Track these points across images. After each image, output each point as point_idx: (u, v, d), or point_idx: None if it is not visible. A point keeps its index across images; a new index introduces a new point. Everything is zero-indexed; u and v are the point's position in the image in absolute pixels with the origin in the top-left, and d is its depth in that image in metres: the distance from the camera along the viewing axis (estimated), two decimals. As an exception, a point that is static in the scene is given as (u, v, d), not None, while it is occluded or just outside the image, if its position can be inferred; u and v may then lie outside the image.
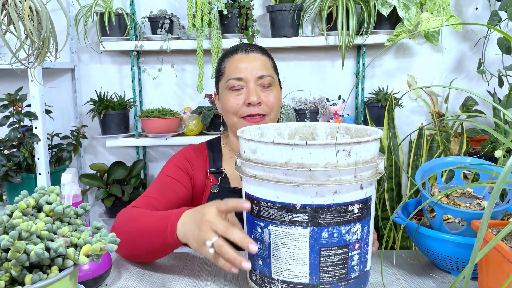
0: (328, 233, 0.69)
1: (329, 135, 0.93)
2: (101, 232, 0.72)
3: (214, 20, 1.81)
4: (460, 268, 0.88)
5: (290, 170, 0.67)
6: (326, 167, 0.66)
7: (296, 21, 1.85)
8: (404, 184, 1.83)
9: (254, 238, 0.75)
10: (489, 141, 1.65)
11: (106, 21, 1.82)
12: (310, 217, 0.68)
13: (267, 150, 0.69)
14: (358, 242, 0.72)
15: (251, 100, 1.04)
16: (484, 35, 1.84)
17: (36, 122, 1.68)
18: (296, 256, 0.70)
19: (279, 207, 0.70)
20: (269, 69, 1.10)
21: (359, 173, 0.69)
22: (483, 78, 1.80)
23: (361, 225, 0.72)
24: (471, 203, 0.97)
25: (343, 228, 0.70)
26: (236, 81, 1.07)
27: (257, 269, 0.76)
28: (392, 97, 1.72)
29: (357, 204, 0.70)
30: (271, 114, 1.08)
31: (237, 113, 1.07)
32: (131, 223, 0.91)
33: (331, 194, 0.68)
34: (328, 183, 0.67)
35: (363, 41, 1.83)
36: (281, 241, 0.71)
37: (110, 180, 1.92)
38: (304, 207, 0.68)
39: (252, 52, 1.10)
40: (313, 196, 0.68)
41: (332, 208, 0.68)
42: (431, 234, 0.87)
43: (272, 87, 1.09)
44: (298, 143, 0.66)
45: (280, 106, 1.12)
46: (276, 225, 0.71)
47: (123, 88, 2.08)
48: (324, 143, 0.66)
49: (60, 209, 0.66)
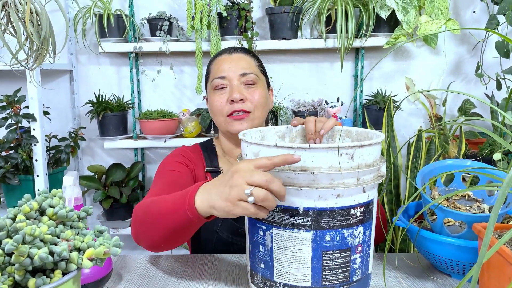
0: (331, 237, 0.69)
1: (330, 138, 0.94)
2: (103, 235, 0.71)
3: (213, 22, 1.81)
4: (461, 271, 0.88)
5: (293, 174, 0.67)
6: (329, 170, 0.67)
7: (295, 24, 1.85)
8: (403, 186, 1.84)
9: (256, 241, 0.75)
10: (487, 144, 1.66)
11: (105, 23, 1.81)
12: (313, 220, 0.69)
13: (270, 153, 0.69)
14: (360, 246, 0.72)
15: (234, 97, 1.05)
16: (482, 38, 1.85)
17: (34, 124, 1.67)
18: (299, 260, 0.70)
19: (282, 211, 0.70)
20: (253, 68, 1.11)
21: (362, 177, 0.70)
22: (481, 81, 1.82)
23: (363, 228, 0.72)
24: (471, 206, 0.98)
25: (345, 232, 0.70)
26: (220, 80, 1.08)
27: (259, 272, 0.76)
28: (391, 100, 1.73)
29: (360, 207, 0.71)
30: (255, 112, 1.07)
31: (222, 112, 1.07)
32: (149, 210, 0.86)
33: (334, 197, 0.68)
34: (331, 187, 0.67)
35: (362, 44, 1.83)
36: (284, 244, 0.71)
37: (108, 182, 1.91)
38: (307, 211, 0.68)
39: (235, 53, 1.13)
40: (316, 200, 0.68)
41: (335, 212, 0.69)
42: (432, 237, 0.88)
43: (257, 85, 1.09)
44: (301, 146, 0.66)
45: (265, 105, 1.11)
46: (278, 228, 0.71)
47: (122, 90, 2.07)
48: (327, 147, 0.66)
49: (64, 212, 0.65)
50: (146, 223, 0.85)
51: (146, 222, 0.85)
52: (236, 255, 1.02)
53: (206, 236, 1.09)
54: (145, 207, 0.87)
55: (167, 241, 0.85)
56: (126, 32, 1.90)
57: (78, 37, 1.94)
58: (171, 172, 1.07)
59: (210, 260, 1.00)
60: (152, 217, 0.84)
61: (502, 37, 0.62)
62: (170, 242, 0.86)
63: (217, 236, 1.08)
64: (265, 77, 1.16)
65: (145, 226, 0.86)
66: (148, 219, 0.85)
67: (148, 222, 0.85)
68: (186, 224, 0.78)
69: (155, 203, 0.85)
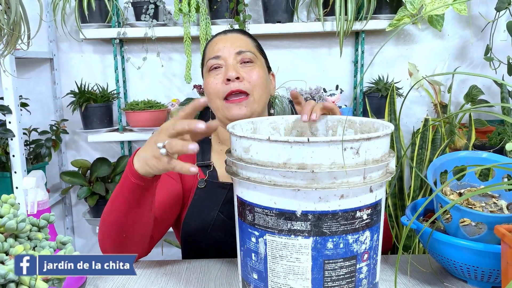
0: (334, 244, 0.62)
1: (330, 129, 0.85)
2: (66, 248, 0.61)
3: (203, 4, 1.70)
4: (479, 277, 0.80)
5: (290, 172, 0.60)
6: (331, 167, 0.59)
7: (291, 6, 1.75)
8: (407, 179, 1.75)
9: (248, 248, 0.68)
10: (496, 133, 1.57)
11: (85, 7, 1.70)
12: (313, 225, 0.61)
13: (262, 148, 0.61)
14: (367, 252, 0.65)
15: (229, 75, 0.97)
16: (491, 19, 1.74)
17: (10, 117, 1.56)
18: (297, 270, 0.63)
19: (277, 214, 0.62)
20: (250, 47, 1.05)
21: (369, 174, 0.62)
22: (490, 65, 1.71)
23: (370, 233, 0.65)
24: (486, 203, 0.90)
25: (350, 237, 0.63)
26: (214, 60, 1.02)
27: (251, 283, 0.68)
28: (393, 87, 1.62)
29: (366, 209, 0.63)
30: (254, 93, 1.00)
31: (218, 94, 1.00)
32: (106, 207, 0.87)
33: (336, 198, 0.61)
34: (333, 187, 0.60)
35: (362, 27, 1.74)
36: (279, 253, 0.63)
37: (93, 178, 1.83)
38: (305, 214, 0.61)
39: (231, 33, 1.08)
40: (316, 202, 0.61)
41: (338, 215, 0.61)
42: (446, 240, 0.80)
43: (254, 64, 1.03)
44: (299, 140, 0.58)
45: (265, 86, 1.04)
46: (273, 234, 0.63)
47: (106, 79, 1.97)
48: (329, 140, 0.58)
49: (12, 223, 0.55)
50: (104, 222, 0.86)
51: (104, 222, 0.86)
52: (227, 260, 0.94)
53: (197, 236, 1.02)
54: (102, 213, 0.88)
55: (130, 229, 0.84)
56: (109, 17, 1.79)
57: (57, 23, 1.82)
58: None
59: (198, 267, 0.92)
60: (107, 210, 0.85)
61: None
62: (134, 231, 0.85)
63: (209, 236, 1.01)
64: (265, 59, 1.10)
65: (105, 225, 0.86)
66: (105, 217, 0.85)
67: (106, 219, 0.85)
68: (136, 195, 0.79)
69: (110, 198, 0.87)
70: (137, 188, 0.77)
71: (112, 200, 0.84)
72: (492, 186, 0.82)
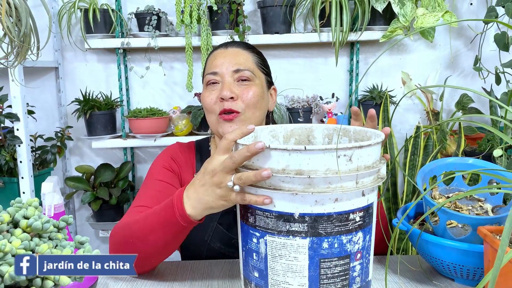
0: (329, 244, 0.66)
1: (326, 137, 0.89)
2: (84, 247, 0.66)
3: (204, 16, 1.76)
4: (464, 275, 0.85)
5: (288, 177, 0.63)
6: (326, 173, 0.63)
7: (288, 17, 1.81)
8: (400, 184, 1.80)
9: (249, 249, 0.72)
10: (486, 139, 1.63)
11: (91, 18, 1.75)
12: (310, 226, 0.65)
13: (263, 155, 0.66)
14: (360, 252, 0.69)
15: (223, 95, 0.97)
16: (480, 31, 1.81)
17: (18, 124, 1.61)
18: (295, 268, 0.67)
19: (276, 216, 0.66)
20: (249, 64, 1.03)
21: (361, 179, 0.66)
22: (479, 75, 1.78)
23: (363, 234, 0.69)
24: (473, 206, 0.95)
25: (344, 238, 0.67)
26: (212, 76, 1.02)
27: (253, 281, 0.72)
28: (387, 95, 1.68)
29: (359, 212, 0.67)
30: (246, 112, 0.99)
31: (213, 111, 1.01)
32: (130, 230, 0.85)
33: (331, 202, 0.64)
34: (328, 191, 0.63)
35: (357, 38, 1.79)
36: (279, 252, 0.67)
37: (97, 183, 1.87)
38: (303, 216, 0.65)
39: (231, 47, 1.05)
40: (313, 205, 0.64)
41: (332, 217, 0.65)
42: (434, 240, 0.84)
43: (251, 83, 1.01)
44: (296, 148, 0.62)
45: (259, 105, 1.03)
46: (273, 235, 0.67)
47: (110, 87, 2.01)
48: (324, 148, 0.62)
49: (39, 224, 0.60)
50: (129, 243, 0.83)
51: (129, 243, 0.83)
52: (228, 261, 0.98)
53: (196, 246, 1.05)
54: (125, 228, 0.86)
55: (157, 256, 0.84)
56: (113, 28, 1.84)
57: (63, 33, 1.87)
58: (156, 183, 1.03)
59: (202, 267, 0.96)
60: (139, 237, 0.82)
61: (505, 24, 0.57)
62: (158, 256, 0.85)
63: (208, 247, 1.03)
64: (266, 75, 1.08)
65: (129, 246, 0.83)
66: (132, 239, 0.83)
67: (133, 242, 0.83)
68: (178, 234, 0.79)
69: (137, 223, 0.84)
70: (183, 229, 0.78)
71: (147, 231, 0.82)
72: (476, 190, 0.88)
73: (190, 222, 0.76)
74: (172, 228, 0.78)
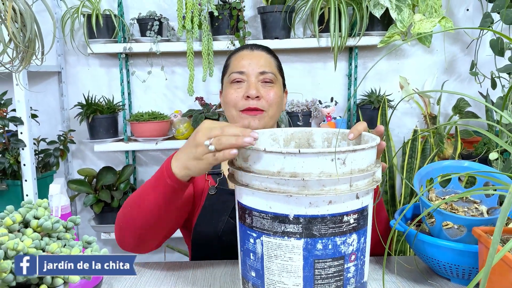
0: (323, 245, 0.67)
1: (326, 141, 0.91)
2: (92, 246, 0.69)
3: (205, 21, 1.78)
4: (460, 275, 0.87)
5: (283, 180, 0.65)
6: (320, 176, 0.64)
7: (288, 23, 1.83)
8: (398, 186, 1.82)
9: (247, 249, 0.73)
10: (482, 143, 1.65)
11: (94, 23, 1.78)
12: (304, 228, 0.66)
13: (259, 158, 0.67)
14: (354, 254, 0.70)
15: (250, 93, 1.05)
16: (476, 36, 1.84)
17: (22, 127, 1.63)
18: (290, 268, 0.68)
19: (272, 218, 0.68)
20: (272, 67, 1.12)
21: (355, 182, 0.67)
22: (475, 80, 1.81)
23: (357, 236, 0.70)
24: (469, 208, 0.97)
25: (338, 239, 0.67)
26: (238, 75, 1.09)
27: (250, 281, 0.74)
28: (385, 99, 1.71)
29: (353, 214, 0.68)
30: (269, 111, 1.08)
31: (236, 106, 1.08)
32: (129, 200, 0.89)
33: (325, 204, 0.65)
34: (322, 193, 0.64)
35: (356, 43, 1.82)
36: (274, 252, 0.69)
37: (99, 186, 1.88)
38: (297, 218, 0.66)
39: (257, 50, 1.14)
40: (307, 207, 0.65)
41: (326, 219, 0.66)
42: (430, 241, 0.86)
43: (274, 85, 1.10)
44: (291, 151, 0.64)
45: (279, 105, 1.12)
46: (269, 236, 0.68)
47: (112, 91, 2.04)
48: (318, 152, 0.64)
49: (49, 224, 0.62)
50: (127, 214, 0.88)
51: (127, 214, 0.88)
52: (230, 262, 1.00)
53: (209, 240, 1.07)
54: (126, 201, 0.91)
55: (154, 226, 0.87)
56: (115, 33, 1.86)
57: (66, 38, 1.90)
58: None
59: (204, 267, 0.98)
60: (134, 203, 0.87)
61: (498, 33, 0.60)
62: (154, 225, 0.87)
63: (220, 240, 1.06)
64: (282, 78, 1.17)
65: (126, 217, 0.88)
66: (130, 208, 0.87)
67: (131, 211, 0.87)
68: (168, 195, 0.81)
69: (134, 192, 0.89)
70: (171, 190, 0.80)
71: (140, 196, 0.86)
72: (470, 192, 0.90)
73: (176, 181, 0.78)
74: (162, 188, 0.80)
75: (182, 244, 2.03)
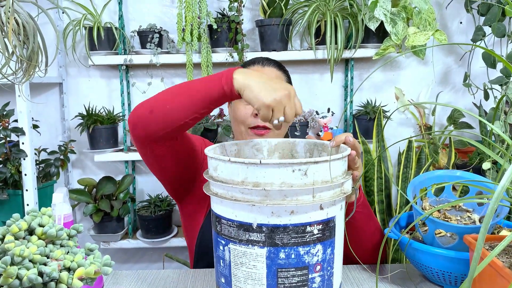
0: (286, 254, 0.68)
1: (308, 152, 0.92)
2: (94, 253, 0.71)
3: (204, 34, 1.82)
4: (452, 282, 0.89)
5: (246, 189, 0.67)
6: (281, 186, 0.65)
7: (285, 36, 1.87)
8: (394, 196, 1.85)
9: (217, 256, 0.75)
10: (476, 153, 1.68)
11: (95, 35, 1.81)
12: (267, 237, 0.67)
13: (226, 168, 0.69)
14: (320, 264, 0.70)
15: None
16: (469, 49, 1.88)
17: (23, 138, 1.65)
18: (254, 276, 0.69)
19: (237, 226, 0.69)
20: None
21: (318, 193, 0.68)
22: (469, 91, 1.84)
23: (322, 247, 0.70)
24: (461, 216, 0.99)
25: (301, 249, 0.68)
26: None
27: (220, 286, 0.76)
28: (381, 110, 1.74)
29: (317, 225, 0.68)
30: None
31: (244, 123, 1.08)
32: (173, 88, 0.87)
33: (287, 214, 0.67)
34: (283, 203, 0.66)
35: (351, 55, 1.85)
36: (240, 260, 0.70)
37: (99, 195, 1.90)
38: (260, 227, 0.67)
39: (268, 66, 1.13)
40: (269, 216, 0.67)
41: (289, 229, 0.67)
42: (423, 248, 0.88)
43: None
44: (253, 162, 0.66)
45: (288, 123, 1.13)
46: (235, 243, 0.70)
47: (112, 102, 2.07)
48: (279, 163, 0.65)
49: (53, 231, 0.65)
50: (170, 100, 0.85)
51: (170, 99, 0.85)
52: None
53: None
54: (168, 89, 0.88)
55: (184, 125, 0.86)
56: (116, 45, 1.90)
57: (67, 50, 1.93)
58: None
59: (202, 275, 1.00)
60: (182, 91, 0.85)
61: (487, 50, 0.63)
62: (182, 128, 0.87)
63: None
64: None
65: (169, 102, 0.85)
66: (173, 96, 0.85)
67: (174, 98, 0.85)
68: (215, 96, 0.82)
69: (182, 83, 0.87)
70: (219, 89, 0.81)
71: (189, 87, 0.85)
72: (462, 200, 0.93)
73: (230, 85, 0.80)
74: (212, 85, 0.81)
75: (180, 253, 2.05)
